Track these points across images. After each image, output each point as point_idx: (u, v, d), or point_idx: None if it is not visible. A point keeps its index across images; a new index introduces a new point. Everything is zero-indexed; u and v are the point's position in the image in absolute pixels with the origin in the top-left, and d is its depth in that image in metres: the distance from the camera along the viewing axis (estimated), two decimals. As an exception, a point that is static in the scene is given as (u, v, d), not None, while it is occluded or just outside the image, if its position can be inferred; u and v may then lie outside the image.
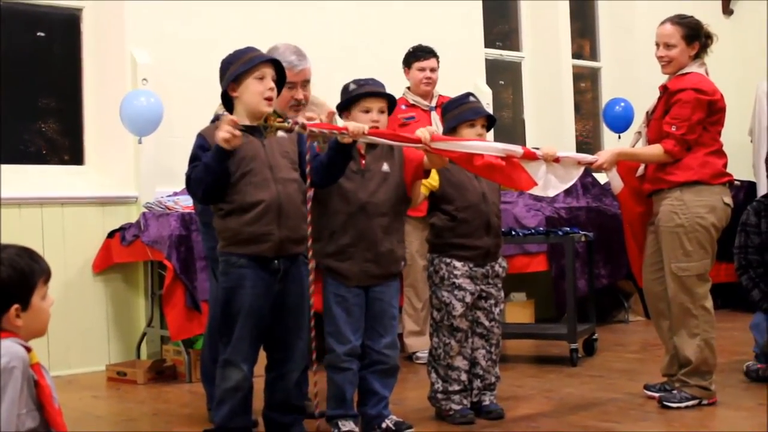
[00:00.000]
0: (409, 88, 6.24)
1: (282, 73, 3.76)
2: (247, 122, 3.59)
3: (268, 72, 3.68)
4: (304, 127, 3.55)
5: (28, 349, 2.43)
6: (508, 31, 9.03)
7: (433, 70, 6.15)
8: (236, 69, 3.66)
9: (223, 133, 3.41)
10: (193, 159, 3.61)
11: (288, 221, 3.62)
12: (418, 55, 6.16)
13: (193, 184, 3.58)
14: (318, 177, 3.72)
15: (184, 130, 4.75)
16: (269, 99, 3.65)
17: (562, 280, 6.47)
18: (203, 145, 3.60)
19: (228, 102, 3.75)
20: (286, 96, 4.18)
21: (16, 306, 2.45)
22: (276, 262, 3.64)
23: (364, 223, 3.93)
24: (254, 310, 3.61)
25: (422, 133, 3.89)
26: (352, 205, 3.93)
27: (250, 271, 3.60)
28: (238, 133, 3.44)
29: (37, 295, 2.49)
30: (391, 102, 4.05)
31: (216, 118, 3.74)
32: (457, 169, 4.21)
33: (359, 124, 3.72)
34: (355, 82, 4.03)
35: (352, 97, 3.98)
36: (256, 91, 3.63)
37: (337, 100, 4.10)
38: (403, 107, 6.13)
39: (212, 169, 3.50)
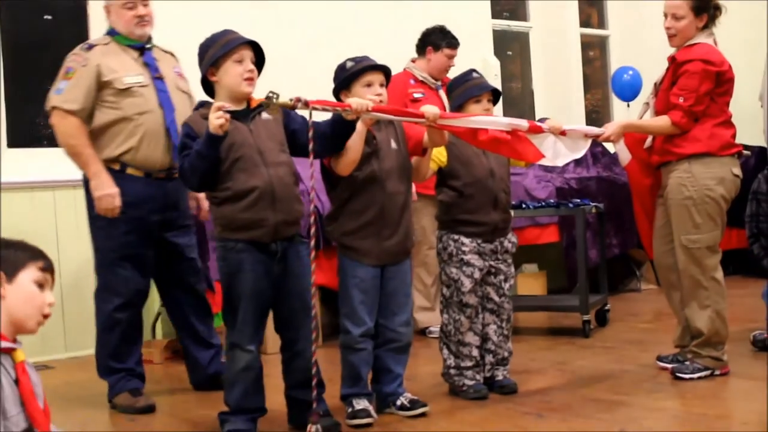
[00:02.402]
0: (413, 61, 6.21)
1: (261, 55, 3.76)
2: (228, 106, 3.56)
3: (247, 54, 3.68)
4: (306, 104, 3.54)
5: (12, 350, 2.44)
6: (516, 2, 8.98)
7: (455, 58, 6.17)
8: (214, 53, 3.66)
9: (218, 120, 3.42)
10: (183, 148, 3.61)
11: (282, 205, 3.64)
12: (451, 42, 6.14)
13: (188, 173, 3.59)
14: (319, 147, 3.68)
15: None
16: (250, 80, 3.66)
17: (574, 250, 6.48)
18: (190, 134, 3.61)
19: (208, 87, 3.76)
20: (129, 14, 4.41)
21: None
22: (273, 245, 3.66)
23: (384, 201, 3.92)
24: (256, 292, 3.64)
25: (431, 110, 3.89)
26: (370, 184, 3.91)
27: (248, 254, 3.62)
28: (228, 116, 3.46)
29: (27, 274, 2.49)
30: (387, 75, 4.01)
31: (200, 106, 3.75)
32: (464, 144, 4.20)
33: (362, 100, 3.70)
34: (351, 59, 3.98)
35: (353, 73, 3.93)
36: (236, 73, 3.64)
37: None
38: (412, 82, 6.11)
39: (205, 156, 3.51)
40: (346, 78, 3.95)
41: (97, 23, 6.31)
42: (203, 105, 3.71)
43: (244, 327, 3.66)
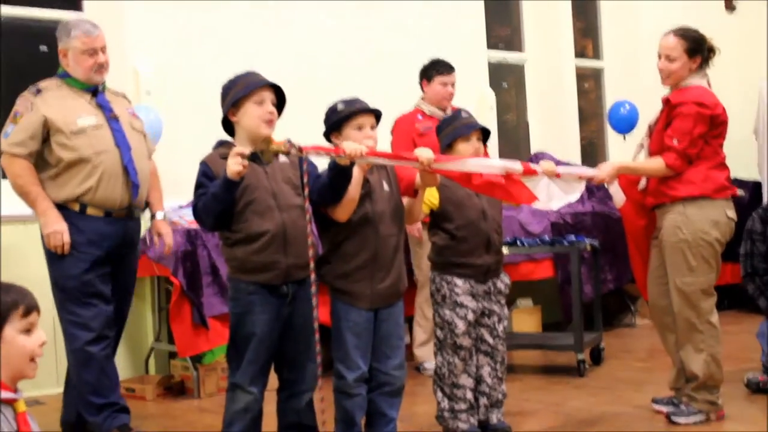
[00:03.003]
0: (422, 98, 6.26)
1: (282, 97, 3.77)
2: (248, 147, 3.57)
3: (268, 96, 3.69)
4: (300, 149, 3.55)
5: (13, 401, 2.42)
6: (511, 33, 9.00)
7: (453, 85, 6.19)
8: (235, 94, 3.67)
9: (237, 167, 3.44)
10: (198, 187, 3.63)
11: (294, 248, 3.65)
12: (441, 69, 6.18)
13: (201, 214, 3.61)
14: (321, 197, 3.72)
15: (190, 142, 4.73)
16: (269, 122, 3.66)
17: (569, 285, 6.47)
18: (207, 173, 3.62)
19: (229, 127, 3.76)
20: (89, 61, 4.41)
21: None
22: (284, 287, 3.67)
23: (377, 243, 3.90)
24: (265, 334, 3.65)
25: (425, 154, 3.88)
26: (363, 227, 3.89)
27: (259, 297, 3.64)
28: (247, 163, 3.47)
29: (11, 326, 2.42)
30: (378, 118, 3.99)
31: (218, 145, 3.74)
32: (456, 186, 4.20)
33: (357, 145, 3.69)
34: (342, 101, 3.96)
35: (345, 116, 3.90)
36: (255, 115, 3.66)
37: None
38: (420, 117, 6.16)
39: (221, 199, 3.53)
40: (337, 120, 3.93)
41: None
42: (222, 144, 3.72)
43: (248, 368, 3.66)
